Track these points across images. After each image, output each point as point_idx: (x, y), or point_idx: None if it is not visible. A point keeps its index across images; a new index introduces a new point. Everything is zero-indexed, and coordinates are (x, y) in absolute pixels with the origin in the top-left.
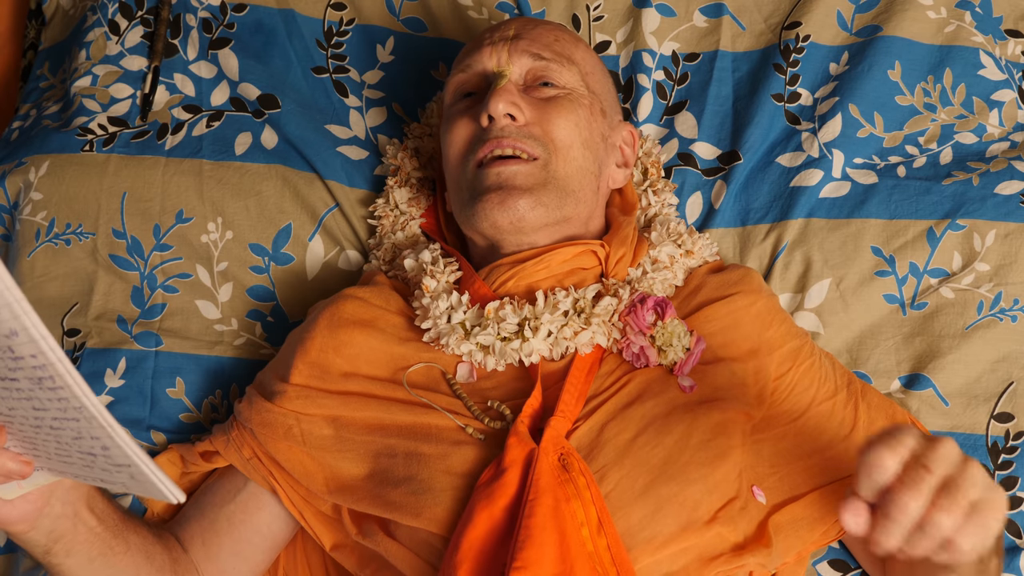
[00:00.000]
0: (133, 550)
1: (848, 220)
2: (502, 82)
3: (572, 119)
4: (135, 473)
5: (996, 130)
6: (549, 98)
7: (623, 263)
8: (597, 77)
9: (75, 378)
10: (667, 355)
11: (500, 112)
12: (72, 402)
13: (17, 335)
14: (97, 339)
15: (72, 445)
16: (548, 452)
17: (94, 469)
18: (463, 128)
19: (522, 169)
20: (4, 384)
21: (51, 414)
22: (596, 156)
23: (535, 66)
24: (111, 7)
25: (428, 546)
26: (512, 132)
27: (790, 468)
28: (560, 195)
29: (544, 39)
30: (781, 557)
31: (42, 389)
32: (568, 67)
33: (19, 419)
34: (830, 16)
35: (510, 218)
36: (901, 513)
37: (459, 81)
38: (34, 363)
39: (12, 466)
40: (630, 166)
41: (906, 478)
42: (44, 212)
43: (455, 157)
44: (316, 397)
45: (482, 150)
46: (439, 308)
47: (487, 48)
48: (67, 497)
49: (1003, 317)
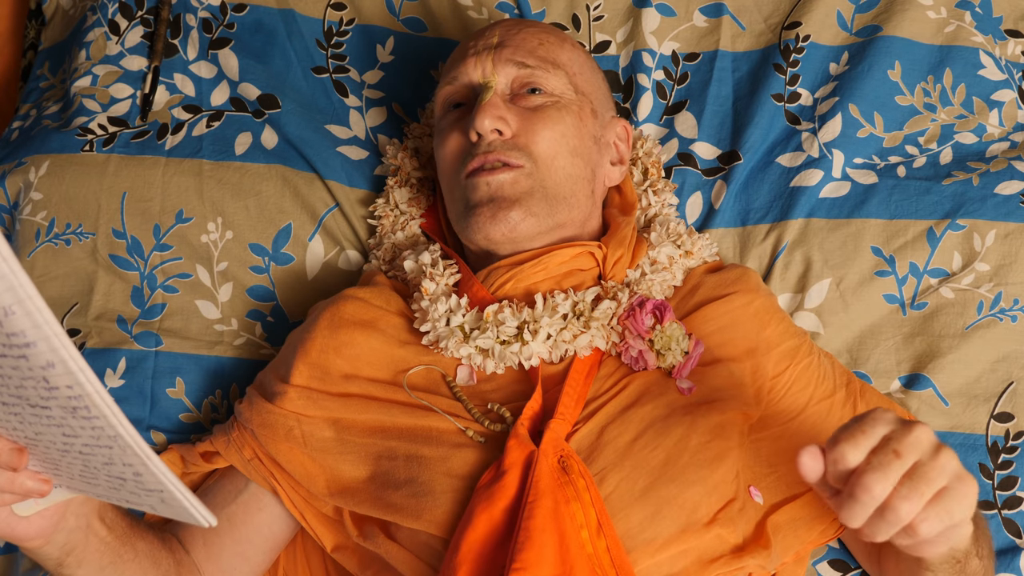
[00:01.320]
0: (140, 556)
1: (848, 220)
2: (487, 96)
3: (558, 128)
4: (166, 498)
5: (996, 130)
6: (536, 107)
7: (621, 264)
8: (586, 76)
9: (112, 409)
10: (666, 359)
11: (487, 129)
12: (107, 431)
13: (54, 367)
14: (97, 339)
15: (101, 470)
16: (548, 454)
17: (121, 491)
18: (453, 141)
19: (508, 177)
20: (35, 411)
21: (82, 440)
22: (587, 160)
23: (520, 74)
24: (111, 7)
25: (428, 548)
26: (498, 146)
27: (788, 467)
28: (550, 203)
29: (528, 44)
30: (780, 557)
31: (75, 418)
32: (554, 72)
33: (45, 443)
34: (830, 16)
35: (502, 230)
36: (865, 494)
37: (447, 93)
38: (69, 393)
39: (31, 485)
40: (625, 162)
41: (874, 461)
42: (44, 212)
43: (447, 170)
44: (317, 399)
45: (471, 164)
46: (438, 311)
47: (471, 59)
48: (80, 510)
49: (1003, 317)
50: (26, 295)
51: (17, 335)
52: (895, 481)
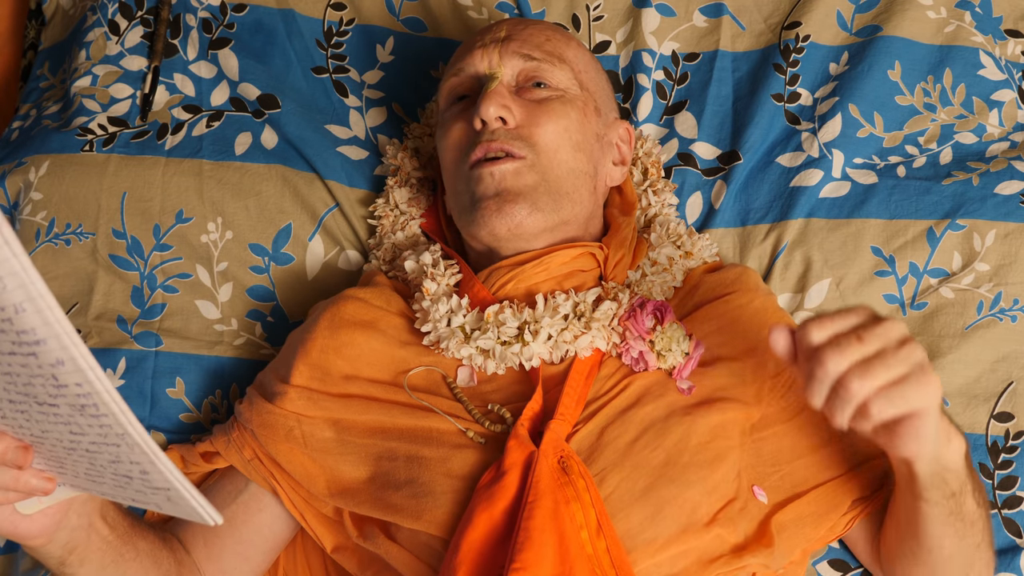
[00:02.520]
0: (142, 555)
1: (848, 220)
2: (493, 84)
3: (562, 123)
4: (172, 496)
5: (996, 130)
6: (540, 100)
7: (622, 265)
8: (591, 75)
9: (121, 407)
10: (666, 359)
11: (492, 116)
12: (115, 429)
13: (63, 364)
14: (97, 339)
15: (107, 468)
16: (548, 455)
17: (127, 490)
18: (457, 131)
19: (511, 168)
20: (42, 409)
21: (89, 438)
22: (590, 157)
23: (526, 67)
24: (111, 7)
25: (429, 548)
26: (501, 135)
27: (792, 465)
28: (554, 198)
29: (535, 39)
30: (786, 556)
31: (83, 416)
32: (560, 66)
33: (51, 441)
34: (830, 16)
35: (508, 225)
36: (820, 369)
37: (452, 85)
38: (78, 391)
39: (35, 483)
40: (627, 163)
41: (835, 342)
42: (44, 212)
43: (451, 160)
44: (317, 399)
45: (474, 153)
46: (439, 311)
47: (478, 51)
48: (82, 509)
49: (1003, 317)
50: (37, 293)
51: (27, 332)
52: (851, 360)
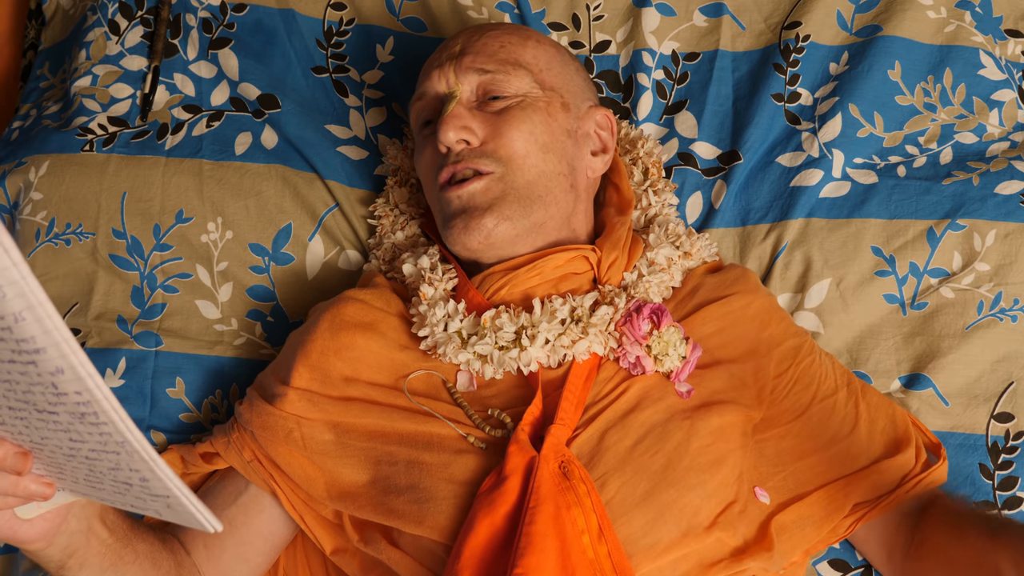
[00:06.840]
0: (141, 558)
1: (848, 220)
2: (450, 107)
3: (525, 128)
4: (172, 503)
5: (996, 130)
6: (500, 111)
7: (616, 267)
8: (554, 71)
9: (121, 415)
10: (664, 363)
11: (451, 140)
12: (115, 436)
13: (63, 372)
14: (97, 339)
15: (107, 475)
16: (549, 460)
17: (127, 496)
18: (428, 155)
19: (479, 186)
20: (42, 416)
21: (88, 446)
22: (562, 155)
23: (482, 80)
24: (111, 7)
25: (431, 554)
26: (466, 155)
27: (794, 467)
28: (523, 204)
29: (489, 49)
30: (787, 557)
31: (83, 424)
32: (515, 73)
33: (50, 448)
34: (830, 16)
35: (478, 239)
36: None
37: (417, 109)
38: (78, 399)
39: (35, 488)
40: (609, 151)
41: None
42: (44, 212)
43: (426, 182)
44: (317, 401)
45: (442, 176)
46: (436, 316)
47: (435, 71)
48: (82, 513)
49: (1003, 317)
50: (37, 301)
51: (27, 341)
52: None
